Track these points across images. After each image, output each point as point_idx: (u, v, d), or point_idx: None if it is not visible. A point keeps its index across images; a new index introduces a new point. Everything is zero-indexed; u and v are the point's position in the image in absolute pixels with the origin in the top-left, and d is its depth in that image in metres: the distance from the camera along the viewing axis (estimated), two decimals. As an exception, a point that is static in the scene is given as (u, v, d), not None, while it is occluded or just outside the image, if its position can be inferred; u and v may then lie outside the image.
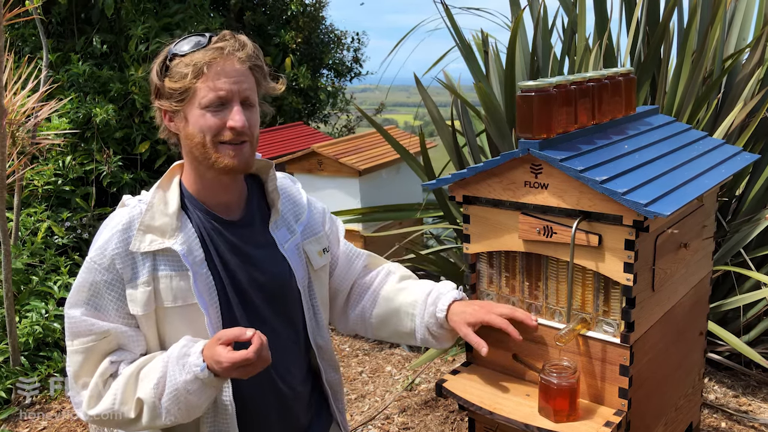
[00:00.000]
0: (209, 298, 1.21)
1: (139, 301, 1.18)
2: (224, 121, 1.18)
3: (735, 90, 2.76)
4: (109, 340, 1.19)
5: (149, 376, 1.16)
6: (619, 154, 1.34)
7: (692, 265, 1.53)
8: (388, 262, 1.51)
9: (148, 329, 1.21)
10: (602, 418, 1.26)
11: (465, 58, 2.99)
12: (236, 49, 1.18)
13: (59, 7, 4.92)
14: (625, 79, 1.50)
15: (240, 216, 1.29)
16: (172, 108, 1.19)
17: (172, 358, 1.14)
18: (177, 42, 1.20)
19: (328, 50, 6.77)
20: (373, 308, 1.43)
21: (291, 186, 1.41)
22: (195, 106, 1.17)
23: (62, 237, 4.04)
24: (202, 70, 1.15)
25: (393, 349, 3.29)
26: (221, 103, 1.17)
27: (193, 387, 1.12)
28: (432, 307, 1.35)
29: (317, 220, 1.41)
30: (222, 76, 1.16)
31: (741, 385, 2.69)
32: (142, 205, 1.23)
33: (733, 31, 2.94)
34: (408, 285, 1.43)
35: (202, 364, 1.11)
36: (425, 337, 1.38)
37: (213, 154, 1.19)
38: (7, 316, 2.86)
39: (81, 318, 1.18)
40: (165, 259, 1.20)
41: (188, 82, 1.15)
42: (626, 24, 2.98)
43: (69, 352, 1.20)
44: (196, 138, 1.19)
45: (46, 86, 3.62)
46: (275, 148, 4.21)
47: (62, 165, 4.47)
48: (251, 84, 1.21)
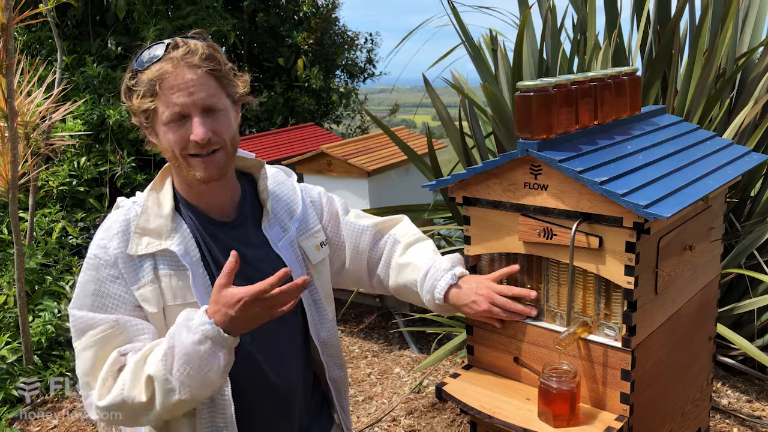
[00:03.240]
0: (207, 297, 1.20)
1: (152, 299, 1.18)
2: (188, 134, 1.16)
3: (748, 88, 2.71)
4: (119, 330, 1.15)
5: (156, 353, 1.12)
6: (621, 155, 1.31)
7: (699, 268, 1.50)
8: (394, 226, 1.49)
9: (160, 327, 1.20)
10: (603, 423, 1.24)
11: (472, 58, 2.98)
12: (185, 55, 1.15)
13: (74, 9, 4.98)
14: (630, 78, 1.47)
15: (233, 217, 1.29)
16: (143, 125, 1.19)
17: (177, 326, 1.11)
18: (137, 56, 1.18)
19: (341, 51, 6.78)
20: (387, 280, 1.45)
21: (285, 182, 1.39)
22: (159, 123, 1.17)
23: (76, 237, 4.09)
24: (156, 87, 1.13)
25: (402, 351, 3.28)
26: (180, 117, 1.15)
27: (204, 348, 1.06)
28: (429, 295, 1.36)
29: (312, 214, 1.39)
30: (175, 90, 1.13)
31: (755, 390, 2.63)
32: (136, 208, 1.23)
33: (747, 29, 2.89)
34: (410, 260, 1.40)
35: (208, 320, 1.07)
36: (433, 308, 1.38)
37: (185, 167, 1.19)
38: (20, 315, 2.89)
39: (88, 314, 1.16)
40: (164, 259, 1.20)
41: (146, 101, 1.14)
42: (636, 22, 2.94)
43: (78, 351, 1.17)
44: (168, 153, 1.19)
45: (61, 88, 3.67)
46: (287, 149, 4.22)
47: (77, 166, 4.52)
48: (211, 89, 1.17)
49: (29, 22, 3.03)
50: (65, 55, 4.66)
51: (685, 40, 2.94)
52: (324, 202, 1.43)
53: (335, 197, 1.48)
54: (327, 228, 1.43)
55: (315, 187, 1.45)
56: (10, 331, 3.10)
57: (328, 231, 1.43)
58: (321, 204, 1.43)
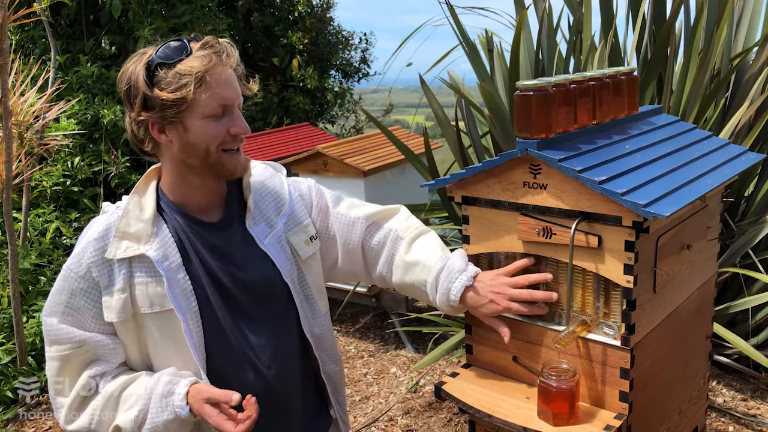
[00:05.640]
0: (186, 303, 1.20)
1: (114, 307, 1.18)
2: (227, 129, 1.18)
3: (743, 89, 2.72)
4: (85, 349, 1.19)
5: (129, 401, 1.17)
6: (619, 154, 1.32)
7: (696, 267, 1.51)
8: (390, 218, 1.43)
9: (126, 336, 1.21)
10: (602, 421, 1.25)
11: (469, 58, 2.98)
12: (228, 55, 1.18)
13: (68, 9, 4.96)
14: (628, 78, 1.48)
15: (219, 217, 1.28)
16: (167, 119, 1.16)
17: (156, 395, 1.16)
18: (157, 50, 1.16)
19: (336, 51, 6.78)
20: (391, 276, 1.40)
21: (272, 177, 1.37)
22: (196, 115, 1.16)
23: (70, 237, 4.07)
24: (204, 78, 1.14)
25: (398, 351, 3.28)
26: (224, 110, 1.18)
27: (173, 426, 1.16)
28: (443, 297, 1.31)
29: (301, 208, 1.37)
30: (222, 83, 1.16)
31: (749, 389, 2.65)
32: (119, 212, 1.22)
33: (741, 30, 2.91)
34: (418, 258, 1.35)
35: (185, 407, 1.14)
36: (446, 309, 1.34)
37: (220, 160, 1.20)
38: (15, 316, 2.88)
39: (57, 326, 1.19)
40: (141, 266, 1.19)
41: (187, 92, 1.13)
42: (632, 22, 2.95)
43: (47, 357, 1.22)
44: (199, 147, 1.18)
45: (55, 87, 3.64)
46: (282, 149, 4.22)
47: (71, 166, 4.50)
48: (239, 89, 1.22)
49: (23, 21, 3.02)
50: (59, 55, 4.63)
51: (681, 41, 2.96)
52: (313, 195, 1.40)
53: (325, 189, 1.44)
54: (316, 221, 1.39)
55: (305, 180, 1.43)
56: (4, 332, 3.08)
57: (318, 224, 1.39)
58: (310, 197, 1.40)
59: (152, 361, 1.23)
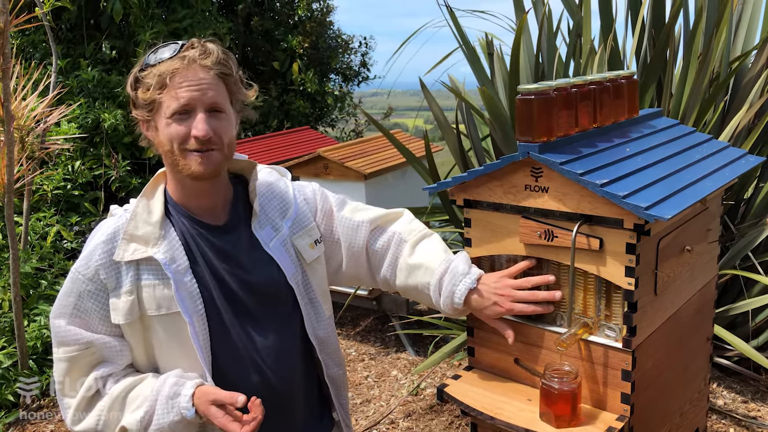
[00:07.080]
0: (192, 306, 1.21)
1: (121, 309, 1.19)
2: (189, 129, 1.18)
3: (742, 92, 2.74)
4: (92, 351, 1.20)
5: (136, 403, 1.18)
6: (620, 157, 1.32)
7: (697, 269, 1.52)
8: (394, 221, 1.44)
9: (133, 338, 1.22)
10: (604, 423, 1.25)
11: (469, 61, 2.99)
12: (200, 56, 1.18)
13: (69, 13, 4.97)
14: (628, 81, 1.49)
15: (225, 220, 1.29)
16: (144, 118, 1.21)
17: (162, 397, 1.17)
18: (149, 53, 1.20)
19: (336, 55, 6.80)
20: (395, 279, 1.40)
21: (277, 181, 1.38)
22: (162, 115, 1.18)
23: (71, 241, 4.08)
24: (165, 80, 1.16)
25: (399, 353, 3.28)
26: (185, 111, 1.17)
27: (179, 427, 1.17)
28: (447, 299, 1.31)
29: (306, 212, 1.38)
30: (184, 84, 1.16)
31: (750, 391, 2.65)
32: (127, 215, 1.23)
33: (740, 33, 2.92)
34: (421, 261, 1.36)
35: (191, 408, 1.15)
36: (449, 312, 1.35)
37: (180, 161, 1.19)
38: (16, 319, 2.88)
39: (65, 327, 1.20)
40: (148, 268, 1.20)
41: (154, 93, 1.16)
42: (632, 26, 2.96)
43: (55, 359, 1.23)
44: (165, 146, 1.20)
45: (56, 91, 3.65)
46: (282, 153, 4.23)
47: (71, 170, 4.51)
48: (219, 91, 1.20)
49: (25, 26, 3.03)
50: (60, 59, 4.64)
51: (680, 44, 2.97)
52: (318, 199, 1.41)
53: (330, 193, 1.45)
54: (321, 225, 1.40)
55: (310, 184, 1.44)
56: (6, 335, 3.08)
57: (322, 228, 1.40)
58: (315, 201, 1.41)
59: (158, 362, 1.24)
